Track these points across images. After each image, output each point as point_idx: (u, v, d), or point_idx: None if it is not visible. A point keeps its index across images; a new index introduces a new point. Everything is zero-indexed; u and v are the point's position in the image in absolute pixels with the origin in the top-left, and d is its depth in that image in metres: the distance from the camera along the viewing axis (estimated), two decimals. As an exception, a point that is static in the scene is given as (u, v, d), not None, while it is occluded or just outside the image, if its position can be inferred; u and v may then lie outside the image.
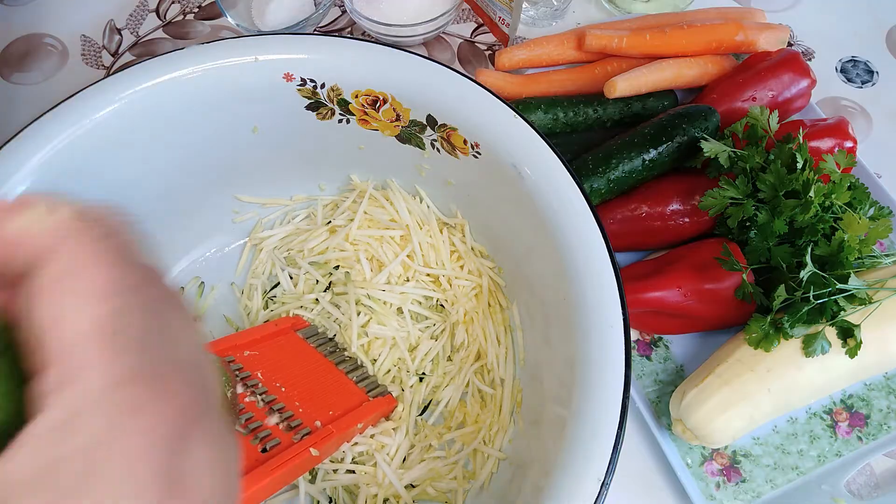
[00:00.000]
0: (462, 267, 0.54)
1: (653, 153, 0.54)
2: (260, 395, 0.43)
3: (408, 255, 0.54)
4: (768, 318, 0.47)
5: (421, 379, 0.52)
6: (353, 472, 0.48)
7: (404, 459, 0.49)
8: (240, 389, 0.43)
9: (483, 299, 0.53)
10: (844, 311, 0.46)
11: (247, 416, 0.42)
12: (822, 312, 0.46)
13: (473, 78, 0.45)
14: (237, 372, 0.43)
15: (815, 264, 0.47)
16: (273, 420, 0.42)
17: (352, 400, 0.47)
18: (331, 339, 0.52)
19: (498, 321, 0.53)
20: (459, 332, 0.53)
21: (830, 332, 0.47)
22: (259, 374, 0.44)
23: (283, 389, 0.44)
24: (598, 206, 0.55)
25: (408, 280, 0.54)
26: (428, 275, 0.54)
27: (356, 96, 0.47)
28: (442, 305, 0.54)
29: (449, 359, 0.53)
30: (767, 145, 0.51)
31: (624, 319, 0.37)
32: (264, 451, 0.40)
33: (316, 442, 0.42)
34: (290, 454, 0.40)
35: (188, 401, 0.18)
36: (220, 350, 0.44)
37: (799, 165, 0.49)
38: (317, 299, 0.54)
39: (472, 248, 0.54)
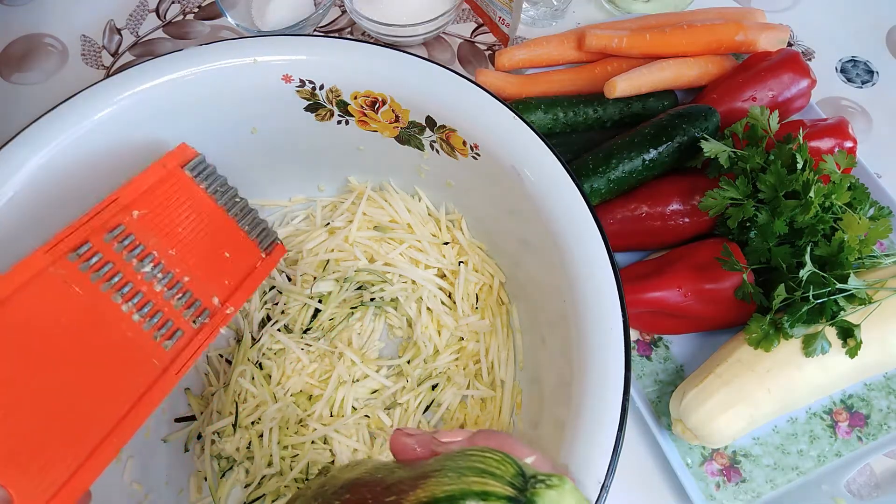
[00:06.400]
0: (466, 263, 0.54)
1: (653, 153, 0.54)
2: (157, 273, 0.40)
3: (415, 249, 0.54)
4: (768, 318, 0.47)
5: (434, 387, 0.52)
6: None
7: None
8: (144, 268, 0.39)
9: (490, 297, 0.53)
10: (844, 311, 0.46)
11: (148, 305, 0.38)
12: (822, 312, 0.46)
13: (473, 79, 0.45)
14: (131, 246, 0.39)
15: (815, 264, 0.47)
16: (173, 304, 0.40)
17: (246, 261, 0.45)
18: (219, 176, 0.47)
19: (498, 322, 0.53)
20: (462, 330, 0.53)
21: (830, 332, 0.47)
22: (153, 243, 0.40)
23: (176, 255, 0.41)
24: (598, 206, 0.55)
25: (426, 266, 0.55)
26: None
27: (355, 97, 0.47)
28: (442, 302, 0.54)
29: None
30: (767, 145, 0.51)
31: (623, 321, 0.37)
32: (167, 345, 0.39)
33: (215, 327, 0.41)
34: (193, 347, 0.39)
35: None
36: (109, 217, 0.39)
37: (799, 166, 0.49)
38: (319, 300, 0.54)
39: (473, 244, 0.55)
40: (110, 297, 0.36)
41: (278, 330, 0.53)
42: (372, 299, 0.54)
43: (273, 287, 0.55)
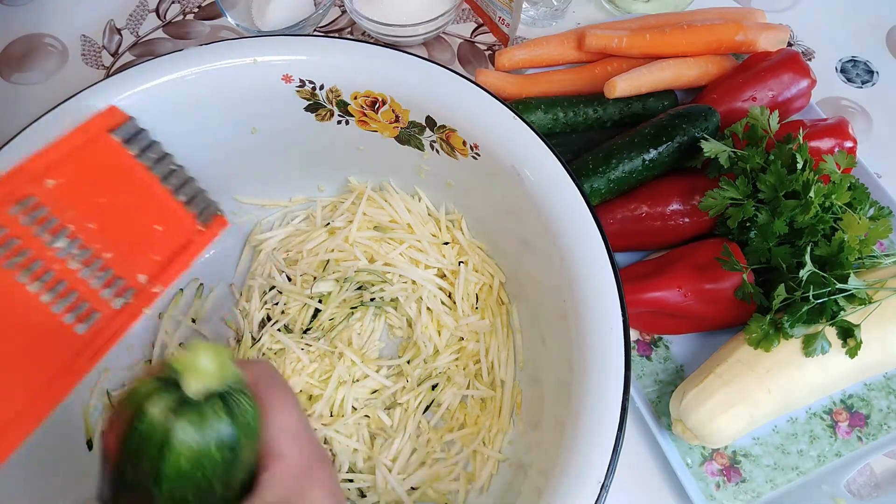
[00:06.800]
0: (466, 263, 0.54)
1: (653, 153, 0.54)
2: (73, 249, 0.36)
3: (415, 249, 0.55)
4: (768, 318, 0.47)
5: (434, 387, 0.52)
6: (352, 480, 0.48)
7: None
8: (57, 243, 0.35)
9: (490, 297, 0.53)
10: (844, 311, 0.46)
11: (60, 284, 0.35)
12: (822, 312, 0.46)
13: (473, 79, 0.45)
14: (42, 220, 0.35)
15: (815, 264, 0.47)
16: (90, 283, 0.36)
17: (180, 234, 0.41)
18: (153, 141, 0.42)
19: (498, 322, 0.53)
20: (462, 330, 0.53)
21: (830, 332, 0.47)
22: (70, 216, 0.36)
23: (97, 228, 0.37)
24: (598, 206, 0.55)
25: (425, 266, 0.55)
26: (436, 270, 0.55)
27: (355, 97, 0.47)
28: (443, 302, 0.54)
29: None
30: (767, 145, 0.51)
31: (623, 321, 0.37)
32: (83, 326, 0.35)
33: (140, 307, 0.37)
34: (112, 329, 0.36)
35: (329, 471, 0.32)
36: (17, 187, 0.35)
37: (799, 166, 0.49)
38: (319, 300, 0.54)
39: (473, 244, 0.55)
40: (14, 276, 0.33)
41: (278, 330, 0.53)
42: (372, 299, 0.54)
43: (273, 287, 0.55)
